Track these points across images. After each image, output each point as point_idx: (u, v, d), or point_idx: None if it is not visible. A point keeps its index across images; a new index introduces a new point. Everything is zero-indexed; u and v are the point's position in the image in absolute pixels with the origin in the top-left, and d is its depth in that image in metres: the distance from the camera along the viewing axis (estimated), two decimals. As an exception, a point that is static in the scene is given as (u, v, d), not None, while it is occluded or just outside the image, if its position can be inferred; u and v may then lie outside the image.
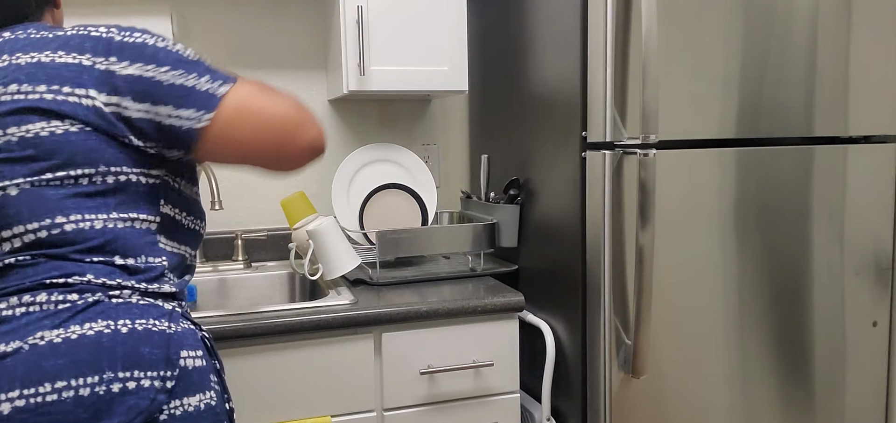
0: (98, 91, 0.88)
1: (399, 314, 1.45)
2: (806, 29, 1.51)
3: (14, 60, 0.89)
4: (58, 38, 0.91)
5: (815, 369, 1.59)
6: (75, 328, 0.82)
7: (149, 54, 0.91)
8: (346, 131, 2.03)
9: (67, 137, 0.86)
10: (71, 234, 0.86)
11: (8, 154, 0.85)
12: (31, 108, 0.86)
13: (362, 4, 1.68)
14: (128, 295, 0.87)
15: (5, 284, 0.84)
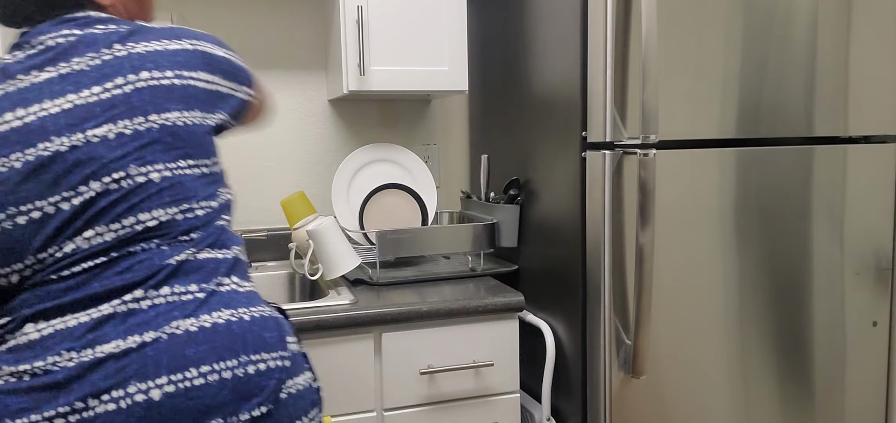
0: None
1: (399, 314, 1.45)
2: (806, 29, 1.51)
3: (132, 49, 0.91)
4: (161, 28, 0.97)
5: (815, 369, 1.59)
6: (206, 317, 0.86)
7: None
8: (346, 131, 2.03)
9: (194, 126, 0.92)
10: (202, 218, 0.91)
11: (150, 140, 0.88)
12: (168, 95, 0.90)
13: (362, 4, 1.68)
14: (230, 284, 0.91)
15: (132, 276, 0.85)
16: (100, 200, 0.85)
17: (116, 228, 0.85)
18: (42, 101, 0.86)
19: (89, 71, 0.88)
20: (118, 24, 0.93)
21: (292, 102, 1.97)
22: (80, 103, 0.86)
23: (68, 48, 0.89)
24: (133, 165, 0.86)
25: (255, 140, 1.95)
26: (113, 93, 0.87)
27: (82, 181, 0.84)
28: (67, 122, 0.85)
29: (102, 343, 0.81)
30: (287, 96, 1.97)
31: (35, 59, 0.89)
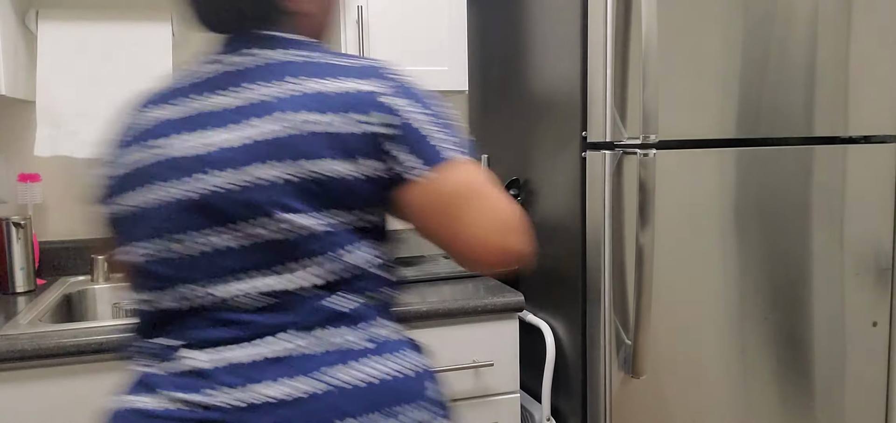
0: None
1: (399, 314, 1.45)
2: (806, 29, 1.51)
3: (302, 86, 0.83)
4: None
5: (815, 369, 1.59)
6: (368, 370, 0.81)
7: None
8: (346, 131, 2.02)
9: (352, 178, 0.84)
10: (359, 268, 0.84)
11: (305, 188, 0.82)
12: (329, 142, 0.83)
13: (362, 4, 1.68)
14: (390, 334, 0.87)
15: (295, 318, 0.81)
16: (262, 242, 0.80)
17: (278, 271, 0.80)
18: (207, 128, 0.82)
19: (257, 104, 0.81)
20: (300, 49, 0.86)
21: (292, 102, 1.97)
22: (243, 140, 0.80)
23: (242, 72, 0.84)
24: (287, 213, 0.79)
25: (255, 140, 1.95)
26: (275, 133, 0.79)
27: (241, 221, 0.80)
28: (229, 157, 0.80)
29: (262, 385, 0.78)
30: (287, 96, 1.97)
31: (210, 80, 0.85)
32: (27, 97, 1.70)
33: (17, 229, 1.63)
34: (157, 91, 0.89)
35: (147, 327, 0.86)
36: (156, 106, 0.86)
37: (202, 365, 0.80)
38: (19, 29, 1.67)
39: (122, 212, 0.87)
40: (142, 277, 0.85)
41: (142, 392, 0.82)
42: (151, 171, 0.83)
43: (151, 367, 0.84)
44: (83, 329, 1.31)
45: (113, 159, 0.88)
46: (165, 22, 1.77)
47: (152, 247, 0.83)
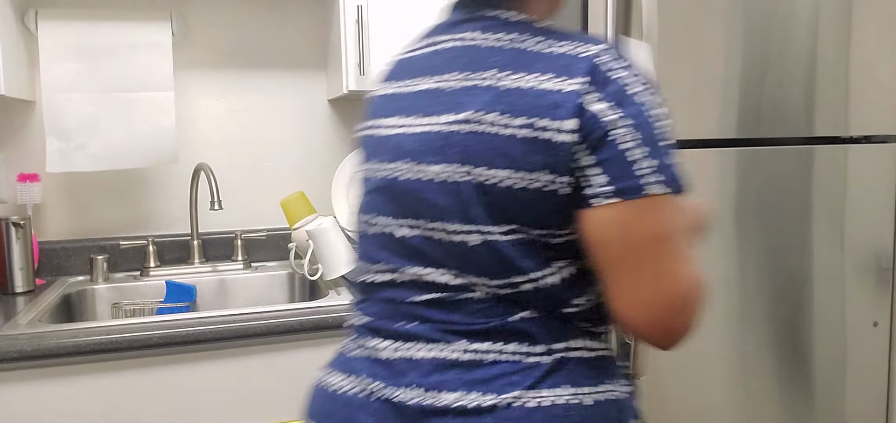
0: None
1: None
2: (806, 29, 1.51)
3: (497, 81, 0.76)
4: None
5: (815, 369, 1.59)
6: (546, 393, 0.75)
7: None
8: (347, 131, 2.02)
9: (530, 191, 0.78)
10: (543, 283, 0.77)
11: (471, 198, 0.79)
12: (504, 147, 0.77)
13: (362, 4, 1.68)
14: (576, 351, 0.79)
15: (480, 324, 0.77)
16: (435, 240, 0.77)
17: (454, 273, 0.77)
18: (411, 114, 0.80)
19: (447, 92, 0.77)
20: (512, 32, 0.77)
21: (292, 102, 1.97)
22: (429, 130, 0.77)
23: (452, 59, 0.78)
24: (452, 221, 0.75)
25: (254, 140, 1.95)
26: (452, 127, 0.75)
27: (413, 216, 0.78)
28: (414, 147, 0.78)
29: (446, 391, 0.75)
30: (287, 96, 1.97)
31: (422, 62, 0.82)
32: (27, 97, 1.70)
33: (17, 229, 1.63)
34: (393, 61, 0.89)
35: (358, 296, 0.89)
36: (387, 78, 0.88)
37: (388, 355, 0.80)
38: (19, 29, 1.67)
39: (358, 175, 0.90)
40: (358, 243, 0.88)
41: (340, 371, 0.85)
42: (366, 147, 0.86)
43: (350, 346, 0.86)
44: (83, 329, 1.31)
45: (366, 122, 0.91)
46: (165, 22, 1.77)
47: (361, 218, 0.86)
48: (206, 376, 1.36)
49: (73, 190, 1.83)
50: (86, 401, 1.30)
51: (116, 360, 1.31)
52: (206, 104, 1.91)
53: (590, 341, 0.79)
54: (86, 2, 1.80)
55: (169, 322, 1.35)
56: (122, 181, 1.86)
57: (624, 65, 0.72)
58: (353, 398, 0.80)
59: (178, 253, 1.89)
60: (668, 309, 0.71)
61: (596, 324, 0.80)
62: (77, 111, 1.73)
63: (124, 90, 1.76)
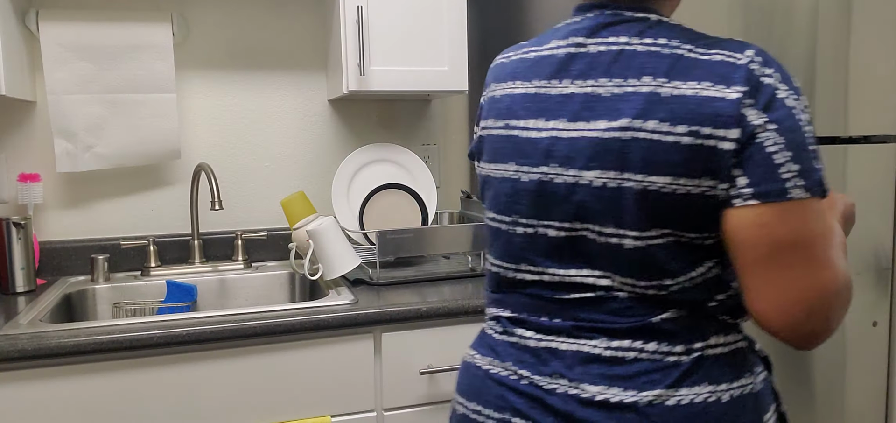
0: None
1: (399, 314, 1.45)
2: (806, 29, 1.51)
3: (674, 89, 0.75)
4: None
5: (815, 369, 1.59)
6: (685, 392, 0.77)
7: None
8: (346, 131, 2.03)
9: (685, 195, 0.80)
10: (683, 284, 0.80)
11: (628, 202, 0.80)
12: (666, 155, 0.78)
13: (362, 4, 1.68)
14: (713, 348, 0.81)
15: (618, 323, 0.80)
16: (583, 241, 0.80)
17: (598, 273, 0.80)
18: (559, 118, 0.80)
19: (602, 97, 0.77)
20: (661, 36, 0.77)
21: (292, 102, 1.97)
22: (585, 135, 0.78)
23: (605, 64, 0.78)
24: (613, 226, 0.77)
25: (254, 140, 1.95)
26: (612, 134, 0.76)
27: (565, 218, 0.80)
28: (568, 152, 0.79)
29: (588, 384, 0.80)
30: (287, 96, 1.97)
31: (564, 63, 0.81)
32: (28, 97, 1.70)
33: (17, 228, 1.63)
34: (517, 57, 0.89)
35: (496, 290, 0.91)
36: (514, 76, 0.88)
37: (533, 345, 0.85)
38: (19, 29, 1.67)
39: (483, 173, 0.92)
40: (495, 241, 0.90)
41: (487, 353, 0.90)
42: (502, 147, 0.86)
43: (495, 331, 0.90)
44: (83, 329, 1.31)
45: (482, 115, 0.93)
46: (165, 22, 1.78)
47: (502, 219, 0.87)
48: (206, 376, 1.37)
49: (73, 190, 1.83)
50: (86, 401, 1.30)
51: (116, 360, 1.32)
52: (206, 105, 1.91)
53: (725, 336, 0.81)
54: (86, 2, 1.80)
55: (169, 322, 1.35)
56: (123, 181, 1.86)
57: (773, 69, 0.74)
58: (505, 380, 0.86)
59: (179, 253, 1.89)
60: (806, 312, 0.72)
61: (733, 315, 0.82)
62: (82, 113, 1.73)
63: (127, 91, 1.76)
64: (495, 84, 0.91)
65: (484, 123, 0.91)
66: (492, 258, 0.91)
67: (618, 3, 0.82)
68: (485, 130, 0.90)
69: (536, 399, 0.83)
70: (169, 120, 1.79)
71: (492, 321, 0.92)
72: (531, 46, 0.88)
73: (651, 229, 0.76)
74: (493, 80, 0.92)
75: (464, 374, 0.93)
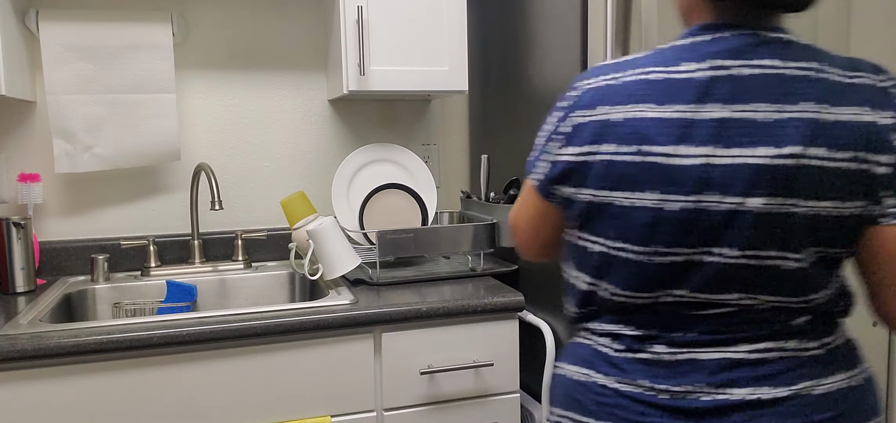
0: None
1: (399, 314, 1.45)
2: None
3: (833, 115, 0.78)
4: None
5: (815, 369, 1.59)
6: (830, 380, 0.84)
7: None
8: (346, 131, 2.03)
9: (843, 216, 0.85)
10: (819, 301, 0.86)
11: (795, 226, 0.82)
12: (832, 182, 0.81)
13: (362, 4, 1.68)
14: (842, 340, 0.89)
15: (759, 330, 0.85)
16: (739, 266, 0.81)
17: (752, 293, 0.83)
18: (710, 144, 0.79)
19: (759, 123, 0.78)
20: (805, 60, 0.80)
21: (292, 102, 1.97)
22: (747, 163, 0.78)
23: (756, 88, 0.79)
24: (775, 249, 0.79)
25: (254, 140, 1.95)
26: (778, 162, 0.77)
27: (730, 245, 0.80)
28: (726, 179, 0.78)
29: (734, 387, 0.83)
30: (287, 96, 1.97)
31: (706, 86, 0.80)
32: (28, 98, 1.70)
33: (17, 228, 1.63)
34: (634, 78, 0.84)
35: (615, 312, 0.90)
36: (639, 99, 0.83)
37: (668, 359, 0.86)
38: (19, 29, 1.67)
39: (592, 200, 0.87)
40: (614, 269, 0.87)
41: (611, 371, 0.89)
42: (635, 174, 0.82)
43: (614, 349, 0.90)
44: (83, 329, 1.31)
45: (574, 138, 0.88)
46: (165, 22, 1.78)
47: (633, 248, 0.84)
48: (206, 376, 1.37)
49: (73, 190, 1.83)
50: (86, 401, 1.30)
51: (116, 360, 1.32)
52: (206, 104, 1.91)
53: (841, 330, 0.89)
54: (86, 2, 1.80)
55: (169, 322, 1.35)
56: (123, 181, 1.86)
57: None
58: (641, 397, 0.87)
59: (179, 253, 1.89)
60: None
61: (844, 314, 0.89)
62: (81, 113, 1.73)
63: (127, 92, 1.76)
64: (605, 106, 0.85)
65: (588, 147, 0.85)
66: (608, 285, 0.88)
67: (751, 24, 0.83)
68: (595, 154, 0.85)
69: (679, 411, 0.84)
70: (169, 120, 1.79)
71: (606, 339, 0.91)
72: (650, 66, 0.84)
73: (810, 249, 0.80)
74: (599, 101, 0.86)
75: (579, 392, 0.92)
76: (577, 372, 0.93)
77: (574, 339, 0.98)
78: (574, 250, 0.93)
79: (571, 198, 0.89)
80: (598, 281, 0.90)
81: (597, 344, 0.92)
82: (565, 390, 0.94)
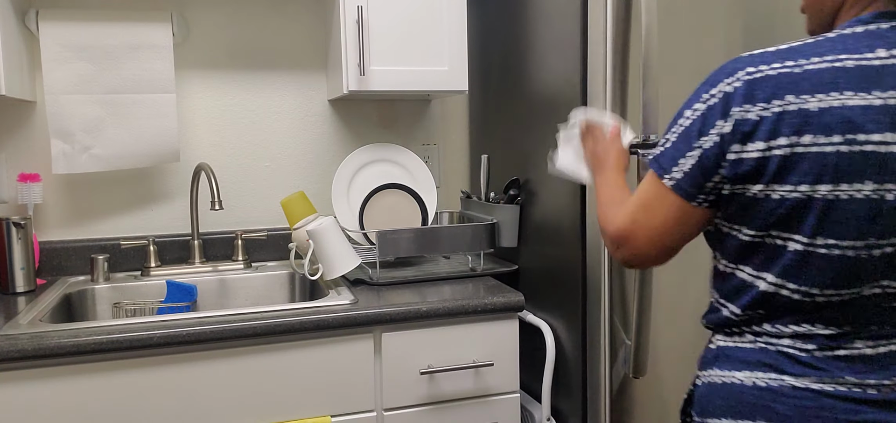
0: None
1: (399, 314, 1.45)
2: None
3: None
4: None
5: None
6: None
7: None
8: (346, 131, 2.03)
9: None
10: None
11: None
12: None
13: (362, 4, 1.68)
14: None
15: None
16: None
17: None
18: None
19: None
20: None
21: (292, 102, 1.97)
22: None
23: None
24: None
25: (254, 140, 1.95)
26: None
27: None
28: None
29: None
30: (287, 96, 1.97)
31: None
32: (28, 98, 1.70)
33: (17, 228, 1.63)
34: (824, 66, 0.82)
35: (799, 311, 0.87)
36: (842, 87, 0.81)
37: (869, 353, 0.85)
38: (19, 29, 1.67)
39: (790, 196, 0.83)
40: (816, 268, 0.84)
41: (806, 372, 0.86)
42: (846, 165, 0.80)
43: (806, 350, 0.87)
44: (83, 329, 1.31)
45: (761, 130, 0.83)
46: (165, 22, 1.78)
47: (849, 244, 0.82)
48: (206, 376, 1.37)
49: (73, 190, 1.83)
50: (86, 401, 1.30)
51: (116, 360, 1.32)
52: (206, 104, 1.91)
53: None
54: (86, 2, 1.80)
55: (169, 322, 1.35)
56: (123, 181, 1.86)
57: None
58: (849, 394, 0.85)
59: (179, 253, 1.89)
60: None
61: None
62: (80, 113, 1.73)
63: (126, 92, 1.76)
64: (790, 96, 0.82)
65: (782, 140, 0.82)
66: (800, 285, 0.85)
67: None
68: (792, 147, 0.81)
69: (881, 404, 0.84)
70: (168, 120, 1.79)
71: (789, 340, 0.87)
72: (839, 54, 0.83)
73: None
74: (783, 91, 0.82)
75: (764, 398, 0.87)
76: (758, 378, 0.88)
77: (730, 343, 0.92)
78: (753, 249, 0.88)
79: (759, 196, 0.84)
80: (785, 281, 0.86)
81: (777, 346, 0.88)
82: (741, 398, 0.88)
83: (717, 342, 0.95)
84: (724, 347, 0.93)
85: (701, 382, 0.95)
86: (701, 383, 0.94)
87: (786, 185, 0.82)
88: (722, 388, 0.90)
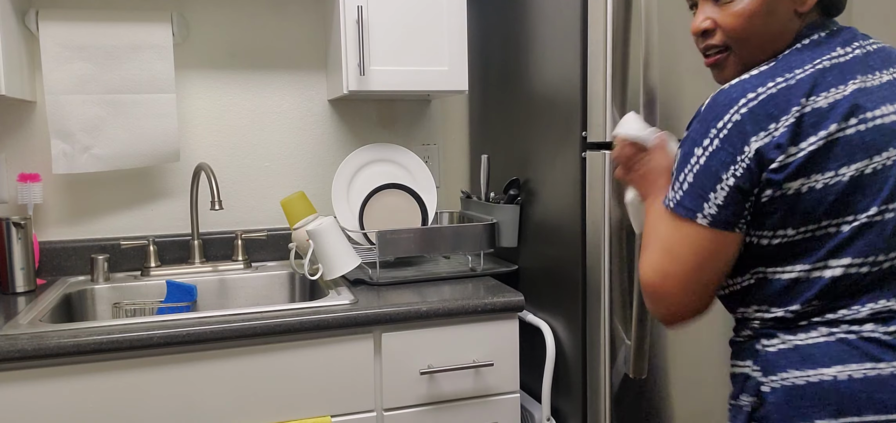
0: None
1: (399, 314, 1.45)
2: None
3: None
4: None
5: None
6: None
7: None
8: (346, 131, 2.03)
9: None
10: None
11: None
12: None
13: (362, 4, 1.68)
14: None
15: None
16: None
17: None
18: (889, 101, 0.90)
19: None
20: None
21: (292, 102, 1.97)
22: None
23: (881, 59, 0.93)
24: None
25: (254, 140, 1.95)
26: None
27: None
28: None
29: None
30: (287, 96, 1.97)
31: (867, 60, 0.92)
32: (27, 97, 1.70)
33: (17, 228, 1.63)
34: (809, 72, 0.89)
35: (862, 291, 0.89)
36: (828, 85, 0.88)
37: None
38: (19, 29, 1.67)
39: (836, 180, 0.87)
40: (858, 238, 0.88)
41: (887, 354, 0.86)
42: (874, 139, 0.88)
43: (883, 331, 0.88)
44: (83, 329, 1.31)
45: (824, 121, 0.87)
46: (165, 22, 1.78)
47: (878, 211, 0.88)
48: (206, 376, 1.37)
49: (73, 190, 1.83)
50: (86, 401, 1.30)
51: (116, 360, 1.32)
52: (206, 104, 1.91)
53: None
54: (86, 2, 1.80)
55: (169, 322, 1.35)
56: (123, 181, 1.86)
57: None
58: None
59: (179, 253, 1.89)
60: None
61: None
62: (80, 113, 1.73)
63: (126, 92, 1.76)
64: (806, 98, 0.87)
65: (809, 138, 0.86)
66: (863, 260, 0.88)
67: (831, 24, 0.96)
68: (825, 139, 0.86)
69: None
70: (168, 120, 1.79)
71: (870, 325, 0.88)
72: (816, 60, 0.90)
73: None
74: (795, 98, 0.87)
75: (871, 390, 0.85)
76: (852, 370, 0.86)
77: (798, 342, 0.90)
78: (805, 246, 0.89)
79: (803, 191, 0.87)
80: (853, 259, 0.88)
81: (860, 333, 0.87)
82: (840, 395, 0.86)
83: (776, 346, 0.92)
84: (795, 347, 0.90)
85: (771, 388, 0.90)
86: (773, 389, 0.90)
87: (827, 173, 0.87)
88: (808, 388, 0.87)
